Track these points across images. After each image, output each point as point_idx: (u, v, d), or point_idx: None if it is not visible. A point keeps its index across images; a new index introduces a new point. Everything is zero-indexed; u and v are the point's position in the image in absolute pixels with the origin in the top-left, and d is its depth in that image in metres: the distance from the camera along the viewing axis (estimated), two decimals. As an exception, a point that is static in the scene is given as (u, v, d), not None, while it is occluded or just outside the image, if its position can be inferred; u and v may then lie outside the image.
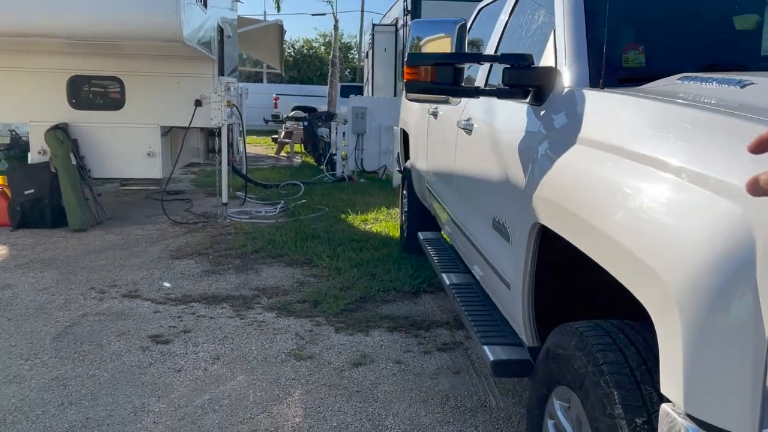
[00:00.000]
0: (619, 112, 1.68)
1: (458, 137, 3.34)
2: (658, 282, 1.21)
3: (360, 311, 4.23)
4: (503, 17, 3.28)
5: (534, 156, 2.15)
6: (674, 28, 2.34)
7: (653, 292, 1.23)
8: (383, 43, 13.52)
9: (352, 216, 7.24)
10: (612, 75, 2.02)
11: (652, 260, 1.24)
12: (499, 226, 2.47)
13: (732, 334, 1.06)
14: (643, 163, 1.42)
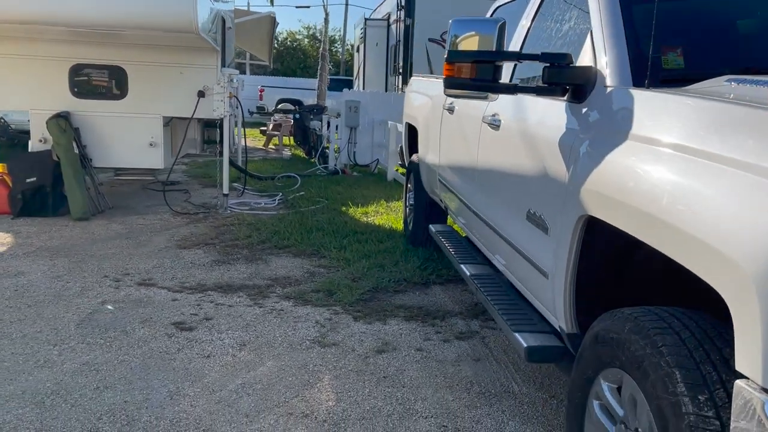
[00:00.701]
0: (679, 111, 1.79)
1: (482, 132, 3.44)
2: (735, 270, 1.32)
3: (374, 301, 4.33)
4: (527, 18, 3.38)
5: (576, 151, 2.26)
6: (710, 30, 2.47)
7: (730, 279, 1.34)
8: (375, 38, 13.58)
9: (352, 209, 7.32)
10: (654, 76, 2.13)
11: (729, 251, 1.35)
12: (535, 218, 2.57)
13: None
14: (710, 159, 1.53)
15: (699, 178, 1.54)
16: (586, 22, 2.65)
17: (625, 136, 1.96)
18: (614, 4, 2.50)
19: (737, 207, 1.38)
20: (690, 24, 2.51)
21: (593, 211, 2.04)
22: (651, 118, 1.92)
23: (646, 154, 1.82)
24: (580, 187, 2.12)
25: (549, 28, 3.13)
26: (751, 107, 1.53)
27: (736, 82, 1.87)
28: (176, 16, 5.23)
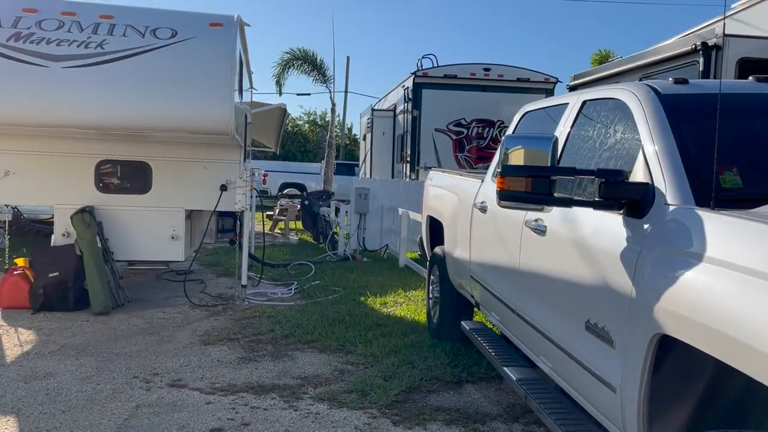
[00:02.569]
0: (755, 237, 1.85)
1: (524, 236, 3.51)
2: None
3: (409, 402, 4.25)
4: (564, 125, 3.53)
5: (641, 267, 2.31)
6: (761, 152, 2.59)
7: None
8: (382, 127, 13.99)
9: (371, 298, 7.30)
10: (716, 196, 2.21)
11: None
12: (597, 330, 2.59)
13: None
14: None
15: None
16: (633, 132, 2.78)
17: (700, 258, 2.01)
18: (663, 121, 2.63)
19: None
20: (746, 142, 2.64)
21: (669, 330, 2.07)
22: (726, 240, 1.98)
23: (727, 278, 1.86)
24: (652, 305, 2.16)
25: (591, 138, 3.26)
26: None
27: (806, 208, 1.95)
28: (214, 122, 5.43)
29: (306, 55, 17.24)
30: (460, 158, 12.29)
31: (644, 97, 2.79)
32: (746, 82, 3.01)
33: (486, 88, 12.15)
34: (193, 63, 5.48)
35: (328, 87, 17.89)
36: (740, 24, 7.63)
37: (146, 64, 5.46)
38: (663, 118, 2.63)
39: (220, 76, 5.45)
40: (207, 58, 5.51)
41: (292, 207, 15.02)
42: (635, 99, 2.84)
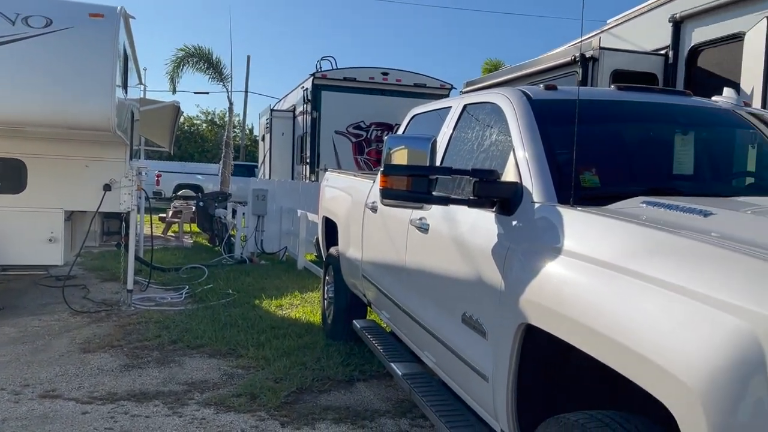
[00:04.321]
0: (612, 232, 2.01)
1: (410, 234, 3.59)
2: (680, 385, 1.48)
3: (300, 403, 4.23)
4: (447, 126, 3.65)
5: (510, 261, 2.43)
6: (621, 152, 2.80)
7: (675, 394, 1.50)
8: (281, 128, 13.84)
9: (266, 301, 7.19)
10: (576, 194, 2.38)
11: (670, 365, 1.52)
12: (472, 322, 2.70)
13: (752, 427, 1.34)
14: (643, 280, 1.72)
15: (639, 298, 1.73)
16: (506, 134, 2.92)
17: (559, 251, 2.15)
18: (532, 124, 2.79)
19: (677, 327, 1.56)
20: (604, 145, 2.84)
21: (532, 320, 2.19)
22: (582, 235, 2.13)
23: (582, 270, 2.00)
24: (517, 296, 2.28)
25: (469, 140, 3.40)
26: (673, 233, 1.76)
27: (649, 204, 2.14)
28: (93, 117, 5.14)
29: (201, 53, 16.72)
30: (359, 161, 12.39)
31: (517, 102, 2.94)
32: (608, 90, 3.26)
33: (385, 92, 12.33)
34: (69, 54, 5.16)
35: (226, 86, 17.46)
36: (615, 38, 8.21)
37: (16, 54, 5.08)
38: (532, 122, 2.78)
39: (99, 70, 5.17)
40: (85, 50, 5.21)
41: (186, 209, 14.51)
42: (509, 103, 2.99)
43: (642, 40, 7.79)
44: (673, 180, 2.77)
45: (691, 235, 1.70)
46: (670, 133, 3.00)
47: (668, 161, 2.89)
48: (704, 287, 1.54)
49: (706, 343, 1.46)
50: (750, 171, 3.01)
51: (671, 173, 2.83)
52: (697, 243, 1.66)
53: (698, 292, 1.54)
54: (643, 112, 2.94)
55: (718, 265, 1.56)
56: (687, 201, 2.07)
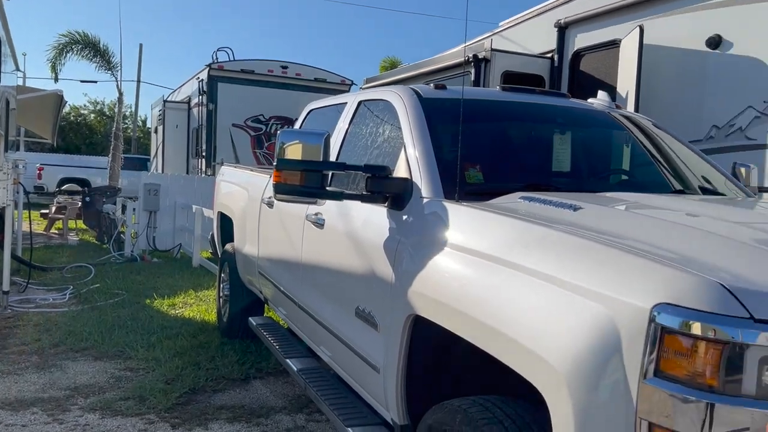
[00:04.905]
0: (490, 225, 2.11)
1: (306, 229, 3.59)
2: (549, 369, 1.59)
3: (192, 404, 4.11)
4: (344, 121, 3.67)
5: (400, 255, 2.50)
6: (503, 150, 2.93)
7: (545, 376, 1.61)
8: (175, 120, 13.32)
9: (158, 300, 6.91)
10: (460, 189, 2.47)
11: (541, 350, 1.62)
12: (365, 315, 2.74)
13: (610, 406, 1.47)
14: (518, 270, 1.83)
15: (513, 287, 1.83)
16: (397, 131, 2.99)
17: (444, 244, 2.23)
18: (422, 122, 2.87)
19: (547, 314, 1.67)
20: (488, 143, 2.97)
21: (420, 311, 2.26)
22: (465, 229, 2.22)
23: (464, 262, 2.09)
24: (406, 288, 2.35)
25: (364, 136, 3.44)
26: (544, 227, 1.88)
27: (527, 199, 2.26)
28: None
29: (87, 40, 15.73)
30: (258, 155, 12.18)
31: (408, 100, 3.01)
32: (494, 91, 3.40)
33: (284, 85, 12.19)
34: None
35: (114, 75, 16.53)
36: (506, 41, 8.57)
37: None
38: (422, 120, 2.86)
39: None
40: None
41: (71, 204, 13.63)
42: (400, 101, 3.05)
43: (531, 43, 8.18)
44: (551, 177, 2.95)
45: (560, 228, 1.82)
46: (550, 133, 3.19)
47: (548, 159, 3.07)
48: (570, 276, 1.65)
49: (572, 329, 1.57)
50: (621, 169, 3.26)
51: (550, 170, 3.01)
52: (564, 235, 1.78)
53: (565, 281, 1.66)
54: (525, 112, 3.11)
55: (583, 255, 1.69)
56: (561, 196, 2.21)
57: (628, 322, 1.46)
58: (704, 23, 5.89)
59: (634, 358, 1.44)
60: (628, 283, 1.51)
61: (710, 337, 1.35)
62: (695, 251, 1.55)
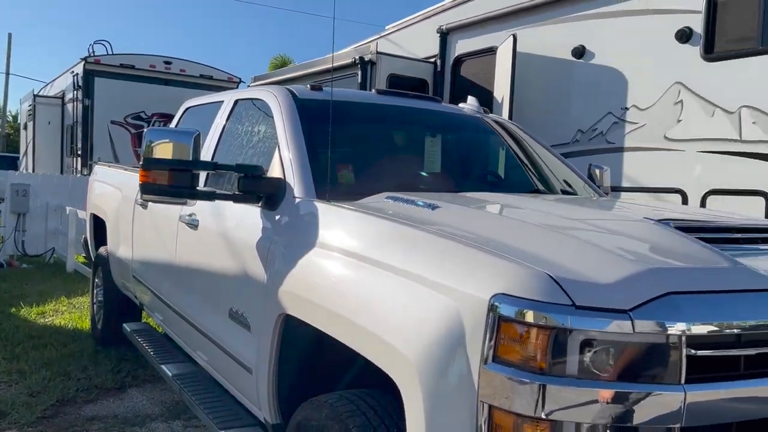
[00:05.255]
0: (355, 224, 2.17)
1: (180, 231, 3.50)
2: (401, 358, 1.67)
3: (60, 416, 3.89)
4: (221, 117, 3.61)
5: (273, 254, 2.51)
6: (374, 152, 3.02)
7: (399, 366, 1.69)
8: (47, 116, 12.44)
9: (26, 309, 6.43)
10: (332, 189, 2.52)
11: (396, 341, 1.70)
12: (238, 316, 2.72)
13: (456, 391, 1.57)
14: (378, 266, 1.90)
15: (373, 282, 1.90)
16: (272, 131, 2.99)
17: (314, 243, 2.27)
18: (296, 123, 2.89)
19: (402, 307, 1.76)
20: (360, 145, 3.04)
21: (290, 310, 2.29)
22: (333, 228, 2.27)
23: (331, 260, 2.15)
24: (277, 288, 2.36)
25: (240, 135, 3.41)
26: (402, 224, 1.97)
27: (392, 199, 2.35)
28: None
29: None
30: (140, 153, 11.64)
31: (283, 100, 3.02)
32: (370, 94, 3.49)
33: (168, 81, 11.74)
34: None
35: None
36: (392, 44, 8.77)
37: None
38: (296, 120, 2.88)
39: None
40: None
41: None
42: (276, 101, 3.05)
43: (416, 47, 8.42)
44: (420, 177, 3.07)
45: (414, 225, 1.92)
46: (421, 135, 3.32)
47: (418, 160, 3.19)
48: (421, 270, 1.75)
49: (422, 320, 1.67)
50: (487, 170, 3.45)
51: (420, 171, 3.14)
52: (416, 231, 1.88)
53: (416, 275, 1.75)
54: (397, 116, 3.22)
55: (432, 250, 1.79)
56: (423, 196, 2.32)
57: (470, 312, 1.57)
58: (570, 34, 6.34)
59: (476, 346, 1.55)
60: (470, 276, 1.62)
61: (539, 323, 1.47)
62: (531, 245, 1.69)
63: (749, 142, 4.92)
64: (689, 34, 5.32)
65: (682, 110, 5.37)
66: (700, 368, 1.51)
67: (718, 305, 1.54)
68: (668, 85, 5.47)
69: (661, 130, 5.52)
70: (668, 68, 5.47)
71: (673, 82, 5.44)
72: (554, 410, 1.47)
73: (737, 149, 5.00)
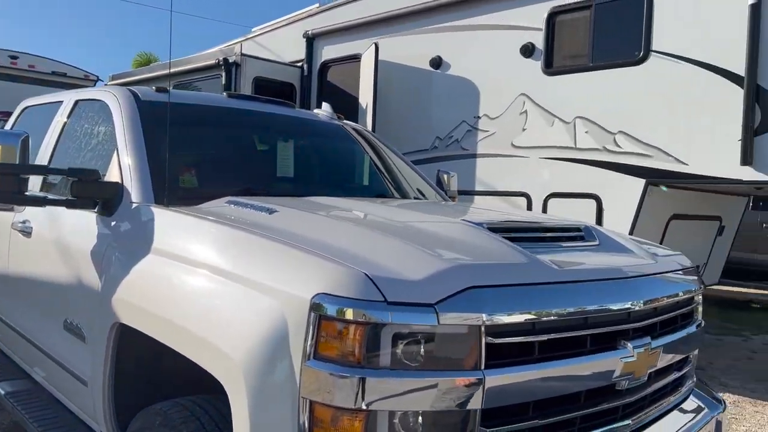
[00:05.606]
0: (188, 229, 2.16)
1: (12, 238, 3.27)
2: (227, 360, 1.70)
3: None
4: (58, 124, 3.42)
5: (108, 262, 2.43)
6: (218, 155, 3.00)
7: (225, 367, 1.72)
8: None
9: None
10: (173, 194, 2.48)
11: (223, 344, 1.73)
12: (73, 328, 2.60)
13: (279, 389, 1.62)
14: (210, 271, 1.91)
15: (204, 287, 1.91)
16: (112, 133, 2.89)
17: (148, 250, 2.23)
18: (136, 126, 2.81)
19: (228, 308, 1.78)
20: (206, 149, 3.01)
21: (124, 318, 2.23)
22: (169, 233, 2.25)
23: (165, 266, 2.12)
24: (111, 296, 2.29)
25: (80, 138, 3.25)
26: (235, 228, 2.00)
27: (233, 203, 2.36)
28: None
29: None
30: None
31: (124, 102, 2.92)
32: (220, 97, 3.46)
33: (14, 78, 10.83)
34: None
35: None
36: (259, 47, 8.70)
37: None
38: (137, 123, 2.80)
39: None
40: None
41: None
42: (116, 102, 2.95)
43: (283, 51, 8.42)
44: (268, 182, 3.09)
45: (246, 229, 1.95)
46: (271, 140, 3.34)
47: (266, 165, 3.21)
48: (251, 273, 1.79)
49: (249, 322, 1.70)
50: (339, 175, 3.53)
51: (267, 176, 3.15)
52: (247, 235, 1.91)
53: (247, 278, 1.78)
54: (247, 120, 3.22)
55: (260, 252, 1.84)
56: (263, 200, 2.35)
57: (294, 312, 1.63)
58: (428, 45, 6.65)
59: (298, 344, 1.61)
60: (293, 277, 1.68)
61: (355, 320, 1.56)
62: (354, 246, 1.78)
63: (583, 150, 5.43)
64: (532, 49, 5.78)
65: (527, 120, 5.83)
66: (503, 354, 1.68)
67: (516, 297, 1.71)
68: (514, 96, 5.91)
69: (508, 137, 5.95)
70: (514, 81, 5.92)
71: (518, 93, 5.89)
72: (371, 401, 1.56)
73: (573, 156, 5.50)
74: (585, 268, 2.02)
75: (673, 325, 2.21)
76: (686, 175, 4.82)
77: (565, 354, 1.78)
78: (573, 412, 1.82)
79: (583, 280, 1.90)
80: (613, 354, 1.87)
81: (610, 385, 1.90)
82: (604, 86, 5.28)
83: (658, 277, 2.18)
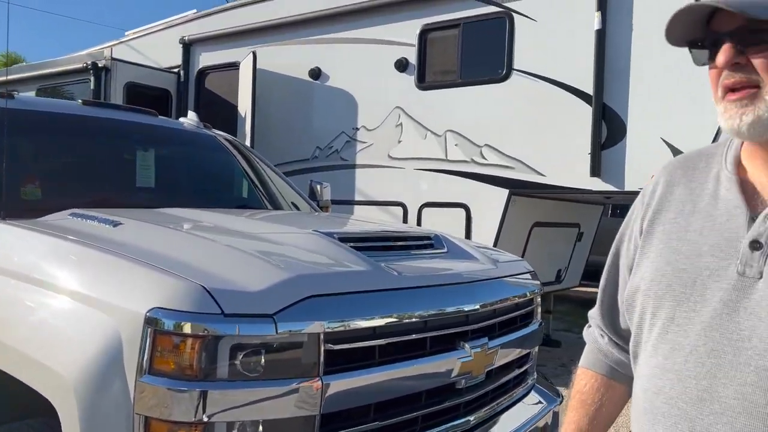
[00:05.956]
0: (22, 243, 2.05)
1: None
2: (58, 378, 1.63)
3: None
4: None
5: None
6: (66, 167, 2.85)
7: (55, 387, 1.65)
8: None
9: None
10: (13, 206, 2.34)
11: (53, 363, 1.66)
12: None
13: (112, 407, 1.58)
14: (43, 287, 1.83)
15: (36, 304, 1.83)
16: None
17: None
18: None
19: (61, 325, 1.72)
20: (54, 158, 2.86)
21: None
22: (4, 247, 2.12)
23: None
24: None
25: None
26: (76, 243, 1.93)
27: (75, 216, 2.27)
28: None
29: None
30: None
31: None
32: (74, 104, 3.30)
33: None
34: None
35: None
36: (133, 51, 8.34)
37: None
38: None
39: None
40: None
41: None
42: (-49, 107, 2.73)
43: (159, 56, 8.12)
44: (123, 193, 2.99)
45: (82, 242, 1.89)
46: (128, 150, 3.23)
47: (123, 176, 3.10)
48: (86, 288, 1.73)
49: (81, 339, 1.65)
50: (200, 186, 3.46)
51: (124, 187, 3.05)
52: (83, 249, 1.85)
53: (82, 294, 1.73)
54: (102, 129, 3.08)
55: (95, 267, 1.79)
56: (108, 212, 2.27)
57: (128, 327, 1.60)
58: (307, 55, 6.69)
59: (132, 360, 1.58)
60: (128, 291, 1.65)
61: (192, 333, 1.56)
62: (195, 258, 1.78)
63: (453, 162, 5.69)
64: (406, 64, 5.98)
65: (402, 132, 6.01)
66: (343, 360, 1.73)
67: (354, 304, 1.78)
68: (390, 109, 6.08)
69: (385, 149, 6.11)
70: (390, 94, 6.09)
71: (394, 106, 6.06)
72: (212, 414, 1.56)
73: (444, 168, 5.74)
74: (427, 274, 2.13)
75: (512, 326, 2.37)
76: (544, 186, 5.18)
77: (405, 356, 1.87)
78: (414, 412, 1.92)
79: (424, 285, 2.01)
80: (451, 355, 1.99)
81: (449, 384, 2.01)
82: (472, 101, 5.56)
83: (498, 281, 2.34)
